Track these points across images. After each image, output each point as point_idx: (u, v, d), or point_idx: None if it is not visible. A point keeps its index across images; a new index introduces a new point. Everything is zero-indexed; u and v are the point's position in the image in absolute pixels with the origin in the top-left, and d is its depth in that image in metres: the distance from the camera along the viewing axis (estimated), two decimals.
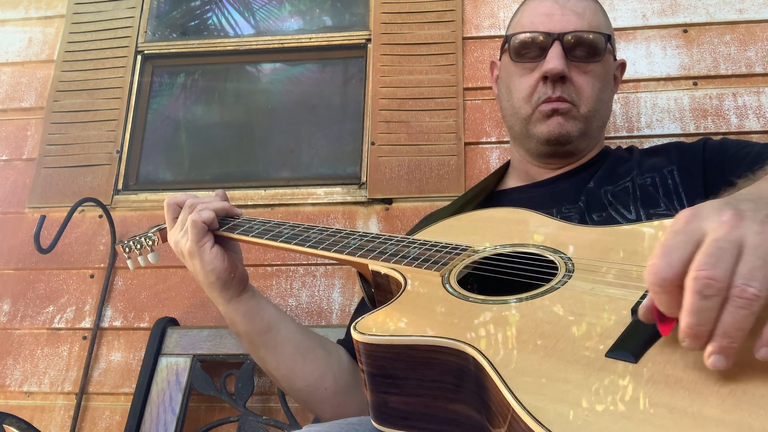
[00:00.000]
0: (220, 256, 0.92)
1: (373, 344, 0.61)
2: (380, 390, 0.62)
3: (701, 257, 0.46)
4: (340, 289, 1.47)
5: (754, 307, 0.44)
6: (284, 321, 0.99)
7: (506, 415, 0.48)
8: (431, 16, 1.64)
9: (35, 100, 1.76)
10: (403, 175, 1.52)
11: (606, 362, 0.50)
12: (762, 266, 0.45)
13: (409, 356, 0.59)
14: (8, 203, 1.66)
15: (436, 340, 0.58)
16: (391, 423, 0.62)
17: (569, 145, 1.04)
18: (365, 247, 0.82)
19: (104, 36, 1.78)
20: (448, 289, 0.68)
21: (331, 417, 0.98)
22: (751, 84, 1.49)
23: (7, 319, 1.55)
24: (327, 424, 0.71)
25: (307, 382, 0.97)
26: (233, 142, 1.76)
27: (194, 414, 1.40)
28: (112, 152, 1.66)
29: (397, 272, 0.74)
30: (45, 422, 1.45)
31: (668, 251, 0.48)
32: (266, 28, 1.85)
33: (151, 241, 1.06)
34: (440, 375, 0.58)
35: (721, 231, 0.47)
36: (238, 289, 0.95)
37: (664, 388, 0.45)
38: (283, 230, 0.93)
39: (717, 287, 0.45)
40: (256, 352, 0.98)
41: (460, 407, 0.58)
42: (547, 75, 1.00)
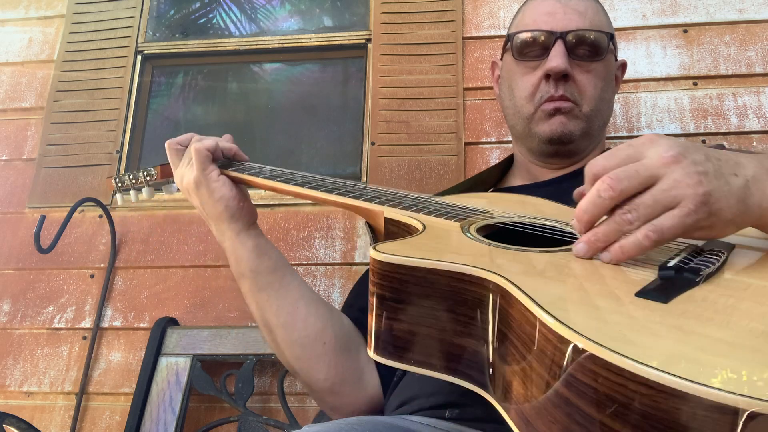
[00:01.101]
0: (228, 184, 0.91)
1: (391, 264, 0.58)
2: (387, 315, 0.59)
3: (618, 169, 0.56)
4: (340, 289, 1.47)
5: (623, 228, 0.55)
6: (290, 267, 0.97)
7: (532, 335, 0.46)
8: (431, 16, 1.64)
9: (35, 100, 1.76)
10: (403, 175, 1.52)
11: (636, 299, 0.49)
12: (650, 205, 0.54)
13: (427, 281, 0.57)
14: (8, 203, 1.66)
15: (460, 267, 0.56)
16: (390, 353, 0.60)
17: (571, 145, 1.03)
18: (382, 197, 0.80)
19: (104, 36, 1.78)
20: (469, 236, 0.67)
21: (326, 378, 0.94)
22: (751, 84, 1.49)
23: (7, 319, 1.55)
24: (327, 424, 0.70)
25: (307, 332, 0.92)
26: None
27: (194, 414, 1.40)
28: (112, 152, 1.66)
29: (414, 220, 0.72)
30: (45, 422, 1.45)
31: (611, 156, 0.58)
32: (266, 28, 1.85)
33: (150, 175, 1.03)
34: (456, 305, 0.56)
35: (651, 161, 0.56)
36: (247, 221, 0.93)
37: (696, 322, 0.45)
38: (295, 176, 0.91)
39: (609, 194, 0.55)
40: (258, 295, 0.93)
41: (468, 342, 0.56)
42: (550, 73, 1.00)
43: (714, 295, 0.50)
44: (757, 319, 0.45)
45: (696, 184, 0.54)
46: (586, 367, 0.40)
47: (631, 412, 0.38)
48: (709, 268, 0.55)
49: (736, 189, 0.56)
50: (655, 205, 0.54)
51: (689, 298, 0.49)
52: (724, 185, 0.56)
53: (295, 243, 1.51)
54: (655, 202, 0.54)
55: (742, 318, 0.46)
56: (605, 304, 0.49)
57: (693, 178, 0.54)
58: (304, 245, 1.51)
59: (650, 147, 0.57)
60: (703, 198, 0.54)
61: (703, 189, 0.54)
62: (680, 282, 0.52)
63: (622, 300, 0.49)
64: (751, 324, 0.45)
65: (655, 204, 0.54)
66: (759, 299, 0.50)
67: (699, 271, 0.54)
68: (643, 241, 0.55)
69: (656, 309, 0.47)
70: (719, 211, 0.55)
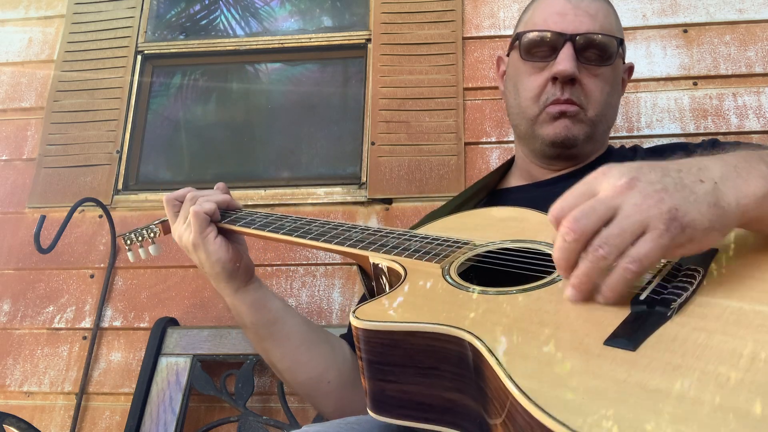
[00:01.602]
0: (224, 246, 0.92)
1: (371, 330, 0.60)
2: (378, 378, 0.62)
3: (575, 210, 0.55)
4: (340, 289, 1.47)
5: (600, 264, 0.54)
6: (290, 313, 0.99)
7: (504, 401, 0.48)
8: (431, 16, 1.64)
9: (35, 100, 1.76)
10: (403, 175, 1.52)
11: (604, 350, 0.50)
12: (618, 235, 0.53)
13: (408, 343, 0.59)
14: (8, 203, 1.66)
15: (435, 327, 0.58)
16: (388, 412, 0.62)
17: (574, 149, 1.03)
18: (366, 240, 0.82)
19: (104, 36, 1.78)
20: (448, 280, 0.68)
21: (333, 411, 0.98)
22: (751, 84, 1.49)
23: (7, 319, 1.55)
24: (326, 424, 0.70)
25: (311, 375, 0.97)
26: (233, 142, 1.76)
27: (194, 414, 1.40)
28: (112, 152, 1.66)
29: (397, 264, 0.74)
30: (45, 422, 1.45)
31: (567, 197, 0.58)
32: (266, 28, 1.85)
33: (153, 233, 1.06)
34: (438, 362, 0.58)
35: (606, 194, 0.55)
36: (244, 280, 0.95)
37: (662, 374, 0.46)
38: (285, 223, 0.93)
39: (572, 237, 0.55)
40: (261, 344, 0.98)
41: (456, 396, 0.58)
42: (557, 76, 0.98)
43: (685, 331, 0.50)
44: (726, 359, 0.46)
45: (657, 202, 0.53)
46: None
47: None
48: (680, 297, 0.54)
49: (704, 195, 0.54)
50: (623, 234, 0.53)
51: (658, 340, 0.50)
52: (689, 195, 0.54)
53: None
54: (622, 231, 0.53)
55: (711, 360, 0.46)
56: (573, 361, 0.49)
57: (653, 197, 0.53)
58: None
59: (602, 179, 0.57)
60: (669, 214, 0.52)
61: (667, 206, 0.53)
62: (651, 318, 0.52)
63: (592, 352, 0.50)
64: (719, 368, 0.45)
65: (623, 233, 0.53)
66: (731, 329, 0.50)
67: (670, 303, 0.54)
68: (625, 275, 0.53)
69: (623, 361, 0.48)
70: (692, 222, 0.53)
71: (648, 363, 0.47)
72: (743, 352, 0.46)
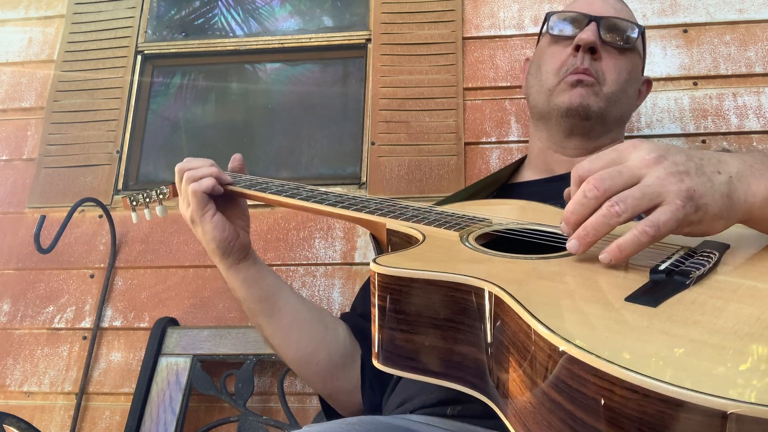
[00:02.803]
0: (221, 226, 0.94)
1: (390, 276, 0.60)
2: (390, 326, 0.61)
3: (602, 171, 0.58)
4: (340, 289, 1.47)
5: (612, 220, 0.56)
6: (283, 292, 1.01)
7: (526, 343, 0.48)
8: (431, 16, 1.64)
9: (35, 100, 1.76)
10: (403, 175, 1.52)
11: (625, 304, 0.50)
12: (637, 198, 0.56)
13: (426, 291, 0.59)
14: (8, 203, 1.66)
15: (456, 277, 0.58)
16: (394, 363, 0.62)
17: (587, 122, 1.05)
18: (384, 209, 0.83)
19: (104, 36, 1.78)
20: (467, 245, 0.69)
21: (323, 389, 1.02)
22: (751, 84, 1.49)
23: (7, 319, 1.55)
24: (326, 424, 0.70)
25: (299, 354, 0.99)
26: (233, 142, 1.76)
27: (194, 414, 1.40)
28: (112, 152, 1.66)
29: (415, 230, 0.75)
30: (45, 422, 1.45)
31: (595, 159, 0.60)
32: (266, 28, 1.85)
33: (162, 194, 1.06)
34: (453, 314, 0.58)
35: (633, 163, 0.58)
36: (237, 257, 0.97)
37: (683, 326, 0.46)
38: (300, 191, 0.94)
39: (594, 194, 0.57)
40: (254, 319, 1.01)
41: (468, 349, 0.58)
42: (580, 44, 1.04)
43: (703, 297, 0.51)
44: (743, 320, 0.47)
45: (678, 181, 0.56)
46: (575, 373, 0.42)
47: (621, 417, 0.39)
48: (699, 271, 0.56)
49: (719, 185, 0.58)
50: (642, 198, 0.56)
51: (678, 301, 0.50)
52: (707, 182, 0.58)
53: (295, 243, 1.51)
54: (642, 195, 0.56)
55: (728, 320, 0.47)
56: (595, 310, 0.50)
57: (675, 176, 0.57)
58: (304, 245, 1.51)
59: (633, 150, 0.60)
60: (687, 193, 0.56)
61: (686, 185, 0.56)
62: (671, 285, 0.53)
63: (613, 305, 0.51)
64: (737, 326, 0.46)
65: (642, 197, 0.56)
66: (747, 300, 0.51)
67: (689, 273, 0.55)
68: (640, 237, 0.55)
69: (645, 313, 0.48)
70: (705, 206, 0.57)
71: (669, 317, 0.48)
72: (760, 316, 0.47)
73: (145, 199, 1.06)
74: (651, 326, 0.46)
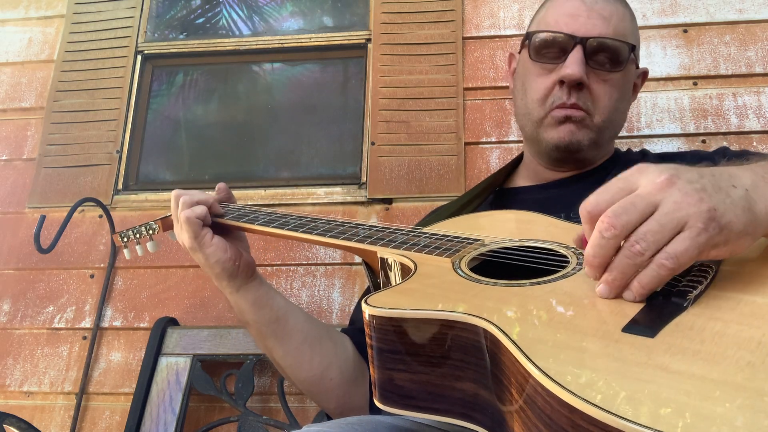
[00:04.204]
0: (222, 247, 0.92)
1: (384, 317, 0.59)
2: (387, 366, 0.61)
3: (614, 205, 0.55)
4: (340, 289, 1.47)
5: (636, 260, 0.53)
6: (292, 311, 0.99)
7: (523, 384, 0.47)
8: (431, 16, 1.64)
9: (35, 100, 1.76)
10: (403, 175, 1.52)
11: (623, 336, 0.49)
12: (657, 231, 0.53)
13: (421, 331, 0.58)
14: (8, 203, 1.66)
15: (450, 315, 0.57)
16: (395, 402, 0.61)
17: (579, 154, 1.01)
18: (374, 236, 0.82)
19: (104, 36, 1.78)
20: (459, 273, 0.68)
21: (336, 408, 0.99)
22: (751, 84, 1.49)
23: (7, 319, 1.55)
24: (326, 424, 0.70)
25: (313, 372, 0.97)
26: (233, 142, 1.76)
27: (194, 414, 1.40)
28: (112, 152, 1.66)
29: (406, 258, 0.74)
30: (45, 422, 1.45)
31: (603, 192, 0.57)
32: (266, 28, 1.85)
33: (152, 230, 1.05)
34: (450, 351, 0.57)
35: (646, 190, 0.55)
36: (245, 278, 0.95)
37: (682, 358, 0.45)
38: (289, 220, 0.93)
39: (612, 233, 0.54)
40: (264, 342, 0.98)
41: (468, 386, 0.57)
42: (564, 80, 0.96)
43: (701, 321, 0.50)
44: (744, 346, 0.46)
45: (698, 201, 0.53)
46: (575, 421, 0.41)
47: None
48: (696, 290, 0.54)
49: (738, 199, 0.55)
50: (662, 231, 0.53)
51: (676, 328, 0.50)
52: (726, 197, 0.54)
53: (295, 243, 1.51)
54: (661, 227, 0.53)
55: (729, 346, 0.46)
56: (592, 345, 0.49)
57: (693, 196, 0.53)
58: (304, 245, 1.51)
59: (640, 176, 0.56)
60: (709, 214, 0.52)
61: (707, 205, 0.53)
62: (668, 308, 0.52)
63: (610, 338, 0.50)
64: (738, 353, 0.45)
65: (662, 229, 0.53)
66: (747, 320, 0.50)
67: (686, 294, 0.54)
68: (660, 272, 0.53)
69: (642, 346, 0.47)
70: (729, 223, 0.53)
71: (667, 348, 0.47)
72: (761, 340, 0.47)
73: (135, 236, 1.06)
74: (649, 362, 0.45)
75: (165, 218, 1.04)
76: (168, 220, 1.03)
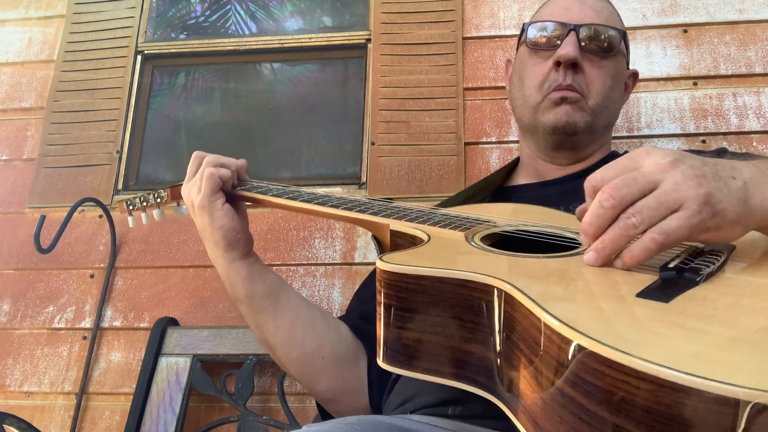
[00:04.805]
0: (230, 215, 0.91)
1: (397, 273, 0.59)
2: (396, 324, 0.60)
3: (617, 179, 0.57)
4: (340, 289, 1.47)
5: (629, 232, 0.56)
6: (285, 288, 0.99)
7: (537, 338, 0.47)
8: (431, 16, 1.64)
9: (35, 100, 1.76)
10: (403, 175, 1.52)
11: (637, 300, 0.50)
12: (654, 208, 0.55)
13: (433, 289, 0.58)
14: (8, 203, 1.66)
15: (465, 274, 0.57)
16: (399, 362, 0.61)
17: (575, 137, 1.04)
18: (387, 210, 0.82)
19: (104, 36, 1.78)
20: (473, 244, 0.68)
21: (327, 389, 0.97)
22: (751, 84, 1.49)
23: (7, 319, 1.55)
24: (326, 423, 0.70)
25: (305, 350, 0.96)
26: (233, 142, 1.76)
27: (194, 414, 1.40)
28: (112, 152, 1.66)
29: (419, 231, 0.74)
30: (45, 422, 1.45)
31: (608, 168, 0.59)
32: (266, 28, 1.85)
33: (160, 198, 1.04)
34: (462, 311, 0.57)
35: (649, 169, 0.57)
36: (242, 251, 0.94)
37: (697, 320, 0.46)
38: (302, 193, 0.93)
39: (611, 203, 0.56)
40: (255, 318, 0.96)
41: (476, 348, 0.57)
42: (560, 60, 1.01)
43: (714, 294, 0.51)
44: (757, 314, 0.46)
45: (696, 185, 0.55)
46: (590, 365, 0.41)
47: (635, 408, 0.39)
48: (709, 268, 0.55)
49: (736, 190, 0.57)
50: (659, 207, 0.55)
51: (690, 298, 0.50)
52: (723, 186, 0.56)
53: (295, 243, 1.51)
54: (658, 204, 0.55)
55: (742, 314, 0.47)
56: (607, 305, 0.50)
57: (692, 180, 0.55)
58: (304, 245, 1.51)
59: (646, 156, 0.59)
60: (705, 198, 0.55)
61: (704, 190, 0.55)
62: (681, 282, 0.53)
63: (624, 300, 0.50)
64: (752, 319, 0.45)
65: (658, 206, 0.55)
66: (759, 296, 0.51)
67: (699, 270, 0.55)
68: (649, 245, 0.55)
69: (657, 308, 0.48)
70: (723, 211, 0.56)
71: (682, 311, 0.47)
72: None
73: (142, 203, 1.05)
74: (664, 320, 0.46)
75: (174, 186, 1.03)
76: (177, 189, 1.01)
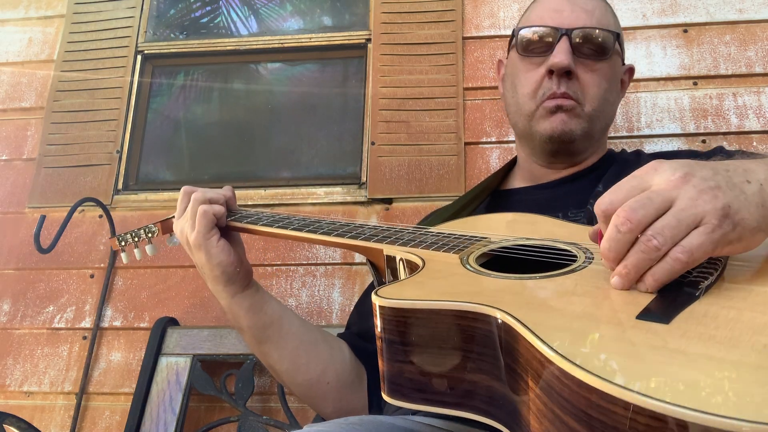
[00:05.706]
0: (227, 250, 0.91)
1: (394, 308, 0.58)
2: (397, 359, 0.60)
3: (630, 200, 0.55)
4: (340, 289, 1.47)
5: (652, 255, 0.53)
6: (287, 315, 0.99)
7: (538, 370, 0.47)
8: (431, 16, 1.64)
9: (35, 100, 1.76)
10: (403, 175, 1.52)
11: (637, 323, 0.49)
12: (674, 227, 0.53)
13: (432, 322, 0.57)
14: (8, 203, 1.66)
15: (462, 305, 0.56)
16: (404, 396, 0.60)
17: (572, 144, 1.02)
18: (379, 234, 0.81)
19: (104, 36, 1.78)
20: (468, 267, 0.67)
21: (332, 412, 0.98)
22: (751, 84, 1.49)
23: (7, 319, 1.55)
24: (327, 424, 0.70)
25: (309, 376, 0.96)
26: (233, 142, 1.76)
27: (194, 414, 1.40)
28: (112, 152, 1.66)
29: (413, 255, 0.73)
30: (45, 422, 1.45)
31: (616, 191, 0.57)
32: (266, 28, 1.85)
33: (151, 233, 1.04)
34: (462, 342, 0.57)
35: (660, 186, 0.55)
36: (242, 284, 0.94)
37: (698, 342, 0.45)
38: (292, 220, 0.92)
39: (628, 227, 0.54)
40: (259, 347, 0.97)
41: (479, 377, 0.56)
42: (553, 69, 0.98)
43: (715, 309, 0.50)
44: (760, 330, 0.46)
45: (712, 198, 0.53)
46: (593, 401, 0.41)
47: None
48: (707, 280, 0.55)
49: (752, 195, 0.55)
50: (679, 226, 0.53)
51: (690, 316, 0.49)
52: (740, 194, 0.55)
53: (295, 243, 1.51)
54: (679, 222, 0.53)
55: (744, 331, 0.46)
56: (607, 331, 0.49)
57: (708, 193, 0.54)
58: (304, 245, 1.51)
59: (654, 174, 0.57)
60: (723, 211, 0.53)
61: (721, 202, 0.53)
62: (680, 298, 0.52)
63: (624, 325, 0.50)
64: (754, 337, 0.45)
65: (679, 224, 0.53)
66: (759, 308, 0.50)
67: (698, 284, 0.54)
68: (674, 265, 0.53)
69: (658, 332, 0.47)
70: (743, 220, 0.54)
71: (683, 334, 0.47)
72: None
73: (133, 239, 1.05)
74: (666, 346, 0.45)
75: (165, 221, 1.03)
76: (168, 223, 1.02)
